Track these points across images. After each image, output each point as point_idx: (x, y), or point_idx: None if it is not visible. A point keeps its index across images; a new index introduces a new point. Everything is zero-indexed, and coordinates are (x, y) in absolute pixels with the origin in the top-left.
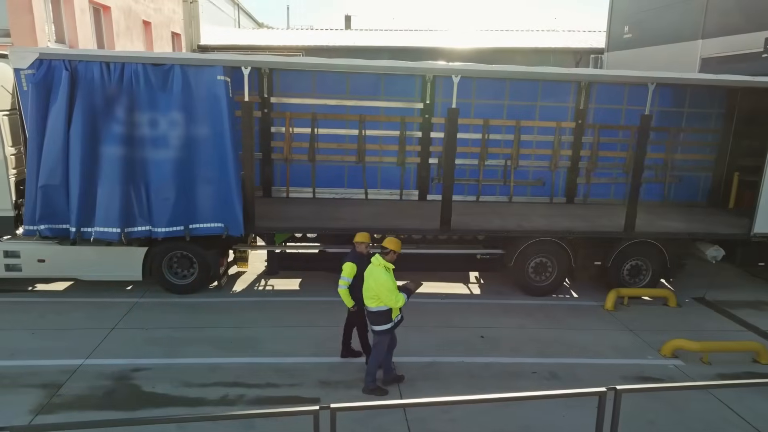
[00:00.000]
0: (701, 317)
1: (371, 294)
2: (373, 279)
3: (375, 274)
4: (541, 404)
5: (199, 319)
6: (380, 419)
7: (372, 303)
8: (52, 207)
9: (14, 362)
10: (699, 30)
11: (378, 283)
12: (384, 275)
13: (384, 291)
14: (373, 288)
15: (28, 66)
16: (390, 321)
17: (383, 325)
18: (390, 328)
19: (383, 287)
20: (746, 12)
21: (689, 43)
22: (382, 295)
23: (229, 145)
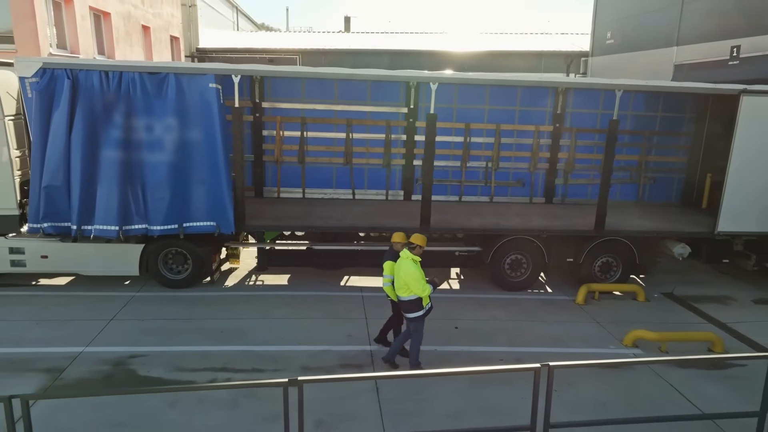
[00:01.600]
0: (667, 311)
1: (401, 284)
2: (403, 271)
3: (404, 266)
4: (504, 387)
5: (193, 311)
6: (353, 400)
7: (403, 293)
8: (55, 206)
9: (20, 349)
10: (674, 38)
11: (407, 273)
12: (412, 267)
13: (412, 281)
14: (403, 278)
15: (32, 74)
16: (421, 308)
17: (416, 312)
18: (422, 315)
19: (411, 278)
20: (715, 22)
21: (665, 49)
22: (411, 285)
23: (221, 148)
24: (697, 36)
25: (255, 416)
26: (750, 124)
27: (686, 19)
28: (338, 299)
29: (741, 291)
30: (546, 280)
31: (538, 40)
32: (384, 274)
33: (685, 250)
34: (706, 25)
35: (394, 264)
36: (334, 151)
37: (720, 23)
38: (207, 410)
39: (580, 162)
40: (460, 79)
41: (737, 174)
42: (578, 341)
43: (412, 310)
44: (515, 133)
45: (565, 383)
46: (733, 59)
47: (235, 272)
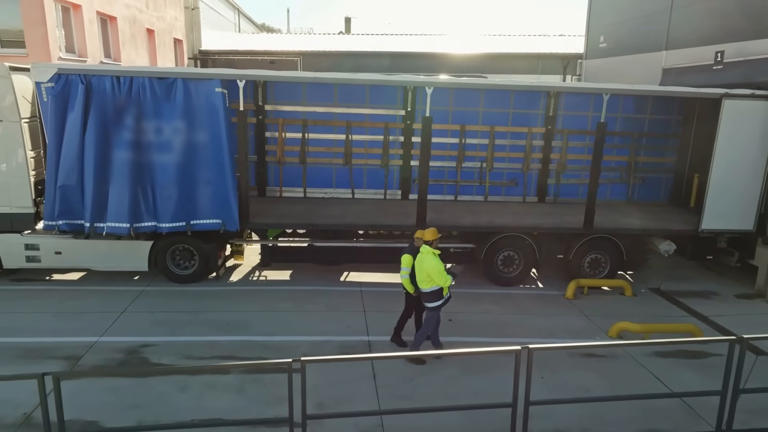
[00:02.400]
0: (653, 305)
1: (423, 277)
2: (426, 264)
3: (426, 259)
4: (493, 374)
5: (199, 304)
6: (352, 385)
7: (425, 285)
8: (69, 205)
9: (39, 339)
10: (663, 42)
11: (430, 266)
12: (434, 260)
13: (435, 273)
14: (426, 271)
15: (48, 79)
16: (441, 298)
17: (436, 302)
18: (441, 305)
19: (434, 270)
20: (701, 28)
21: (655, 53)
22: (434, 276)
23: (226, 149)
24: (684, 41)
25: (260, 400)
26: (731, 126)
27: (674, 24)
28: (338, 293)
29: (724, 286)
30: (537, 276)
31: (536, 42)
32: (402, 267)
33: (671, 247)
34: (693, 31)
35: (412, 258)
36: (334, 152)
37: (705, 29)
38: (215, 395)
39: (571, 162)
40: (454, 83)
41: (720, 174)
42: (566, 333)
43: (432, 300)
44: (509, 135)
45: (551, 371)
46: (717, 64)
47: (240, 268)
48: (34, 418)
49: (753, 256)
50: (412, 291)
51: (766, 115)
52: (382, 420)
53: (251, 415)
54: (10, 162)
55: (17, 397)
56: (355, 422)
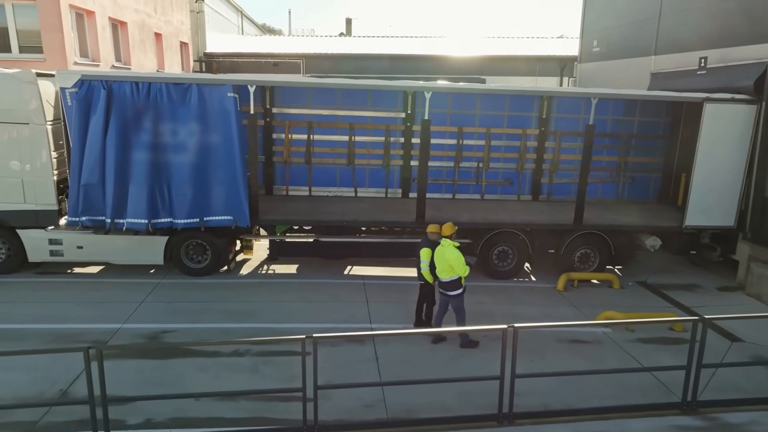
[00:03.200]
0: (639, 297)
1: (446, 267)
2: (448, 255)
3: (447, 252)
4: (487, 355)
5: (213, 295)
6: (356, 366)
7: (445, 275)
8: (92, 202)
9: (67, 325)
10: (652, 47)
11: (452, 257)
12: (456, 252)
13: (456, 263)
14: (448, 261)
15: (72, 85)
16: (461, 286)
17: (457, 290)
18: (462, 292)
19: (457, 261)
20: (686, 34)
21: (645, 58)
22: (454, 266)
23: (237, 151)
24: (671, 47)
25: (272, 378)
26: (713, 128)
27: (662, 30)
28: (342, 285)
29: (707, 280)
30: (530, 270)
31: (534, 44)
32: (422, 259)
33: (656, 243)
34: (679, 37)
35: (430, 251)
36: (338, 152)
37: (690, 36)
38: (231, 374)
39: (563, 162)
40: (452, 88)
41: (702, 174)
42: (554, 321)
43: (453, 288)
44: (504, 136)
45: (540, 356)
46: (701, 69)
47: (249, 262)
48: (70, 393)
49: (734, 251)
50: (432, 281)
51: (746, 117)
52: (384, 396)
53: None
54: (36, 162)
55: (53, 375)
56: (360, 397)
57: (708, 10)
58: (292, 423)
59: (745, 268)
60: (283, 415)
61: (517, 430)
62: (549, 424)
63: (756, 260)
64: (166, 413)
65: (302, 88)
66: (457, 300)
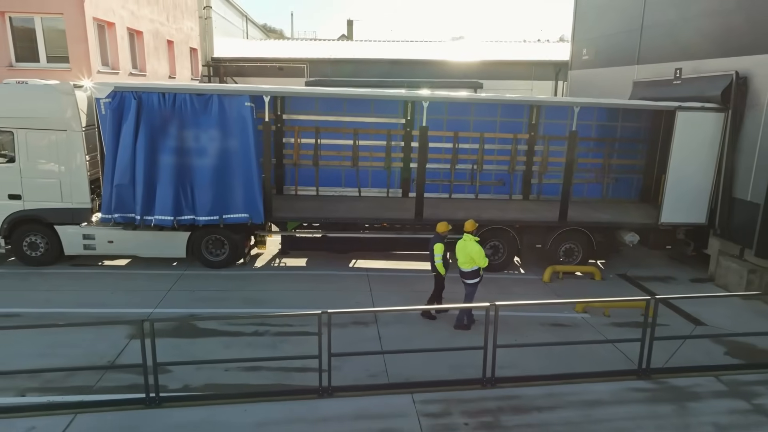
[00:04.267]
0: (618, 288)
1: (467, 259)
2: (470, 248)
3: (470, 245)
4: (475, 336)
5: (231, 284)
6: (362, 345)
7: (467, 266)
8: (123, 201)
9: (106, 310)
10: (635, 57)
11: (474, 250)
12: (477, 245)
13: (477, 256)
14: (470, 254)
15: (106, 96)
16: (478, 276)
17: (474, 279)
18: (479, 281)
19: (478, 254)
20: (664, 46)
21: (629, 67)
22: (476, 258)
23: (253, 154)
24: (652, 57)
25: (289, 354)
26: (685, 134)
27: (644, 42)
28: (347, 277)
29: (682, 272)
30: (520, 263)
31: (531, 49)
32: (436, 254)
33: (635, 238)
34: (658, 49)
35: (443, 246)
36: (343, 155)
37: (668, 48)
38: (253, 350)
39: (551, 165)
40: (448, 98)
41: (675, 175)
42: (539, 308)
43: (473, 277)
44: (497, 141)
45: (523, 336)
46: (677, 79)
47: (262, 255)
48: (116, 364)
49: (706, 245)
50: (444, 273)
51: (715, 124)
52: (386, 368)
53: (283, 365)
54: (72, 165)
55: (100, 351)
56: (365, 368)
57: (683, 25)
58: (309, 387)
59: (715, 261)
60: (300, 383)
61: (498, 391)
62: (525, 387)
63: (724, 254)
64: (200, 380)
65: (311, 97)
66: (473, 287)
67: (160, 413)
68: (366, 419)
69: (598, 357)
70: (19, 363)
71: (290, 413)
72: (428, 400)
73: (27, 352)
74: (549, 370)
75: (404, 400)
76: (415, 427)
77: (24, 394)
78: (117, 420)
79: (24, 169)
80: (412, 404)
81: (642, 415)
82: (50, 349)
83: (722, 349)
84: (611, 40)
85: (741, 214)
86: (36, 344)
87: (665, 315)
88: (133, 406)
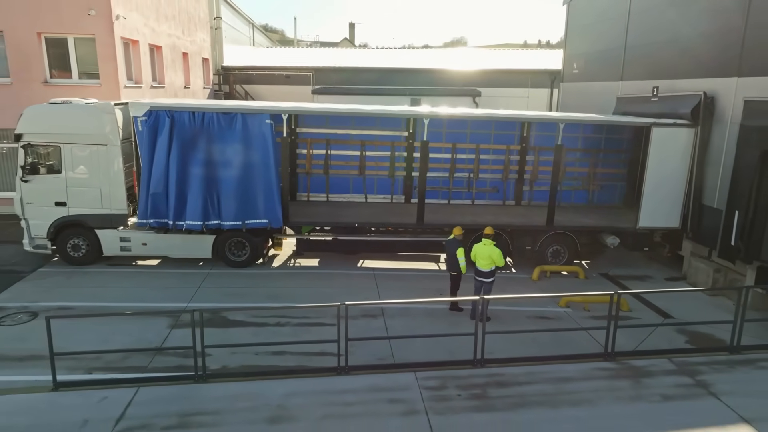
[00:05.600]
0: (599, 285)
1: (488, 261)
2: (489, 250)
3: (489, 248)
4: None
5: (253, 282)
6: (371, 333)
7: (487, 266)
8: (158, 207)
9: (147, 304)
10: (619, 74)
11: (494, 253)
12: (497, 248)
13: (497, 258)
14: (490, 256)
15: (143, 114)
16: (494, 275)
17: (492, 278)
18: (494, 279)
19: (498, 256)
20: (644, 65)
21: (614, 82)
22: (495, 260)
23: (273, 165)
24: (633, 75)
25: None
26: (659, 147)
27: (627, 60)
28: (356, 275)
29: (658, 271)
30: (511, 263)
31: (529, 57)
32: (459, 257)
33: (615, 241)
34: (639, 67)
35: (464, 249)
36: (351, 165)
37: (647, 67)
38: (277, 339)
39: (542, 173)
40: (446, 115)
41: (651, 184)
42: (527, 302)
43: (491, 276)
44: (491, 151)
45: (510, 327)
46: (654, 96)
47: (279, 256)
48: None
49: (680, 247)
50: (465, 272)
51: (686, 139)
52: (392, 352)
53: (305, 349)
54: (110, 175)
55: (148, 337)
56: (373, 353)
57: (659, 47)
58: (329, 367)
59: (687, 261)
60: (320, 365)
61: (486, 370)
62: (509, 367)
63: (695, 255)
64: (235, 362)
65: (322, 115)
66: (491, 284)
67: (206, 387)
68: (377, 392)
69: (576, 344)
70: (83, 348)
71: (314, 387)
72: (428, 377)
73: (87, 339)
74: (532, 354)
75: (408, 377)
76: (417, 398)
77: (91, 372)
78: (173, 391)
79: (69, 179)
80: (414, 380)
81: (603, 388)
82: (107, 336)
83: (684, 338)
84: (598, 56)
85: (708, 220)
86: (95, 333)
87: (639, 309)
88: (185, 381)
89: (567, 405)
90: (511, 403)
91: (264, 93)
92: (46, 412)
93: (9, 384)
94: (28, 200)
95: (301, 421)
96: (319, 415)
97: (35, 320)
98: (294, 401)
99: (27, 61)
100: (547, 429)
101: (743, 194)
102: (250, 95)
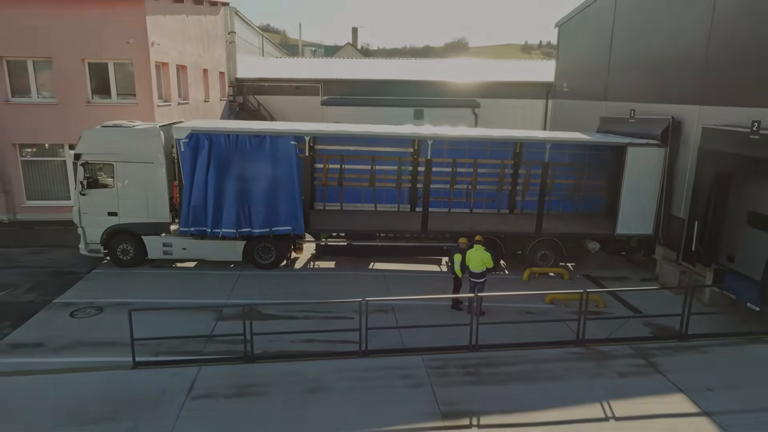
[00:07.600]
0: (581, 285)
1: (480, 264)
2: (481, 255)
3: (480, 252)
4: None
5: (280, 282)
6: (385, 323)
7: (479, 268)
8: (198, 217)
9: (192, 300)
10: (603, 94)
11: (486, 257)
12: (487, 253)
13: (488, 260)
14: (482, 259)
15: (185, 137)
16: (485, 276)
17: (483, 278)
18: (486, 279)
19: (488, 258)
20: (624, 87)
21: (598, 102)
22: (487, 262)
23: (296, 180)
24: (615, 96)
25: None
26: (634, 164)
27: (610, 82)
28: (368, 276)
29: (635, 273)
30: (504, 265)
31: (525, 69)
32: (456, 262)
33: (596, 246)
34: (620, 90)
35: (461, 255)
36: (362, 177)
37: (626, 90)
38: (307, 328)
39: (532, 185)
40: (447, 136)
41: (627, 196)
42: (517, 299)
43: (482, 276)
44: (487, 166)
45: (502, 319)
46: (632, 117)
47: (299, 259)
48: (213, 337)
49: (653, 252)
50: (461, 275)
51: (657, 157)
52: (402, 340)
53: (331, 338)
54: (156, 188)
55: (198, 329)
56: (387, 341)
57: (635, 73)
58: (352, 351)
59: (659, 264)
60: (343, 350)
61: (479, 354)
62: (498, 351)
63: (666, 259)
64: (274, 348)
65: (338, 136)
66: (483, 284)
67: (255, 366)
68: (392, 369)
69: (556, 333)
70: (145, 336)
71: (341, 366)
72: (432, 359)
73: (146, 329)
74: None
75: (416, 359)
76: (424, 374)
77: (157, 355)
78: (228, 369)
79: (120, 192)
80: (421, 361)
81: (573, 367)
82: (165, 327)
83: (648, 330)
84: (585, 77)
85: (676, 228)
86: (154, 325)
87: (614, 305)
88: (237, 362)
89: (543, 380)
90: (498, 379)
91: (275, 103)
92: (132, 384)
93: (93, 364)
94: (84, 211)
95: (334, 391)
96: (347, 387)
97: (101, 314)
98: (327, 377)
99: (71, 84)
100: (527, 398)
101: (701, 207)
102: (262, 105)
